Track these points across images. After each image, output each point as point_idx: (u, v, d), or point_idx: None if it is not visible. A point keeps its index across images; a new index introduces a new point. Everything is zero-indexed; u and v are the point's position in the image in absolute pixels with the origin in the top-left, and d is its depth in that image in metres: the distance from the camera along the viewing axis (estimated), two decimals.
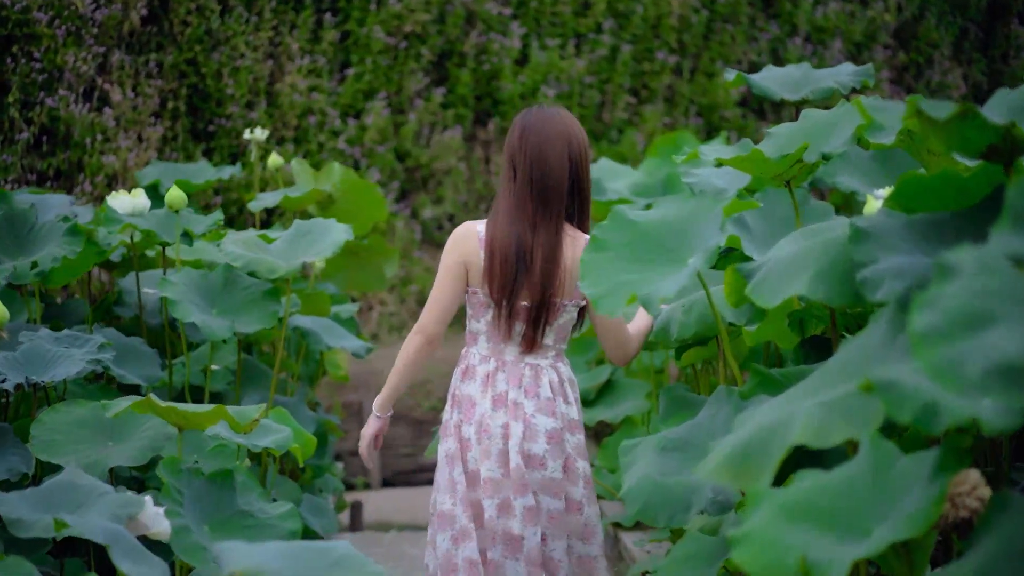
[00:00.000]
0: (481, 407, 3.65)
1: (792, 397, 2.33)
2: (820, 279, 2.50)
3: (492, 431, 3.61)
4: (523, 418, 3.62)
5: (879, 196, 2.69)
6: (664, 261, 2.96)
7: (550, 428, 3.63)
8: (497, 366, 3.68)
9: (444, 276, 3.67)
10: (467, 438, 3.66)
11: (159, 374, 4.70)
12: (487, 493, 3.59)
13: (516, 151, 3.66)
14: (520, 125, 3.69)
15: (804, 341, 3.25)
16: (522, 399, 3.64)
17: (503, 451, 3.61)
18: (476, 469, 3.63)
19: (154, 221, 4.86)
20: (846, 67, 4.38)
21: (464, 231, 3.68)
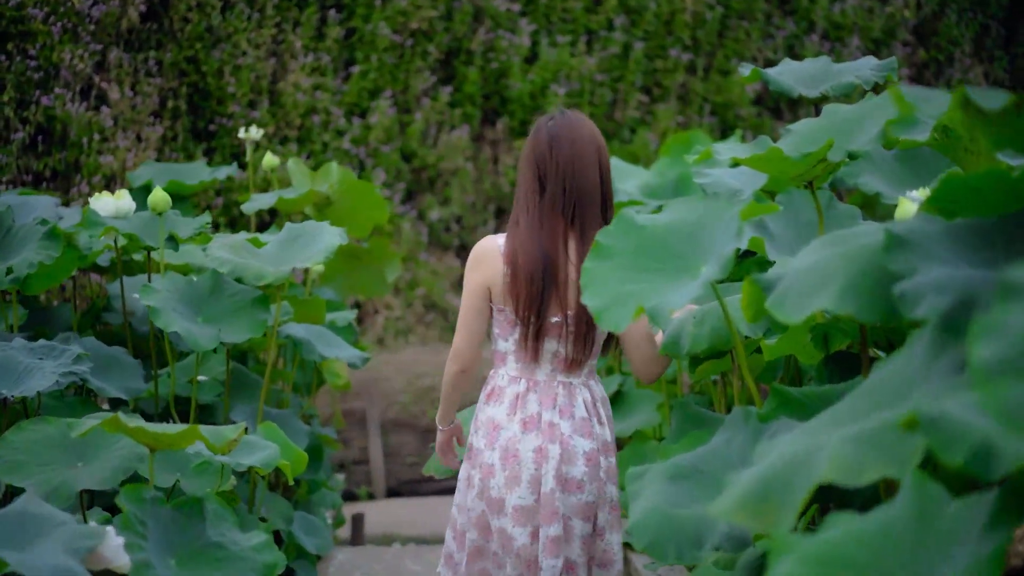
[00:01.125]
0: (507, 431, 3.49)
1: (818, 427, 2.07)
2: (849, 292, 2.23)
3: (522, 456, 3.45)
4: (560, 440, 3.45)
5: (915, 199, 2.42)
6: (674, 269, 2.70)
7: (588, 450, 3.48)
8: (528, 387, 3.52)
9: (469, 297, 3.51)
10: (489, 464, 3.50)
11: (142, 386, 4.45)
12: (518, 522, 3.43)
13: (546, 162, 3.48)
14: (548, 133, 3.51)
15: (828, 357, 2.98)
16: (558, 420, 3.48)
17: (536, 477, 3.44)
18: (500, 497, 3.46)
19: (139, 224, 4.61)
20: (868, 61, 4.16)
21: (484, 249, 3.51)
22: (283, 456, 4.13)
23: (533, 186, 3.49)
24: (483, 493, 3.49)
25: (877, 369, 2.10)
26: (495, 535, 3.47)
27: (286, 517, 4.59)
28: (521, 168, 3.54)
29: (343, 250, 6.56)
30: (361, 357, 4.97)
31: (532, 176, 3.49)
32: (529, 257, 3.42)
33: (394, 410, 8.89)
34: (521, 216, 3.49)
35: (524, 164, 3.53)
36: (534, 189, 3.49)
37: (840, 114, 3.01)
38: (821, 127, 2.98)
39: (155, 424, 3.12)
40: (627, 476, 2.75)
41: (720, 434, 2.74)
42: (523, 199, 3.50)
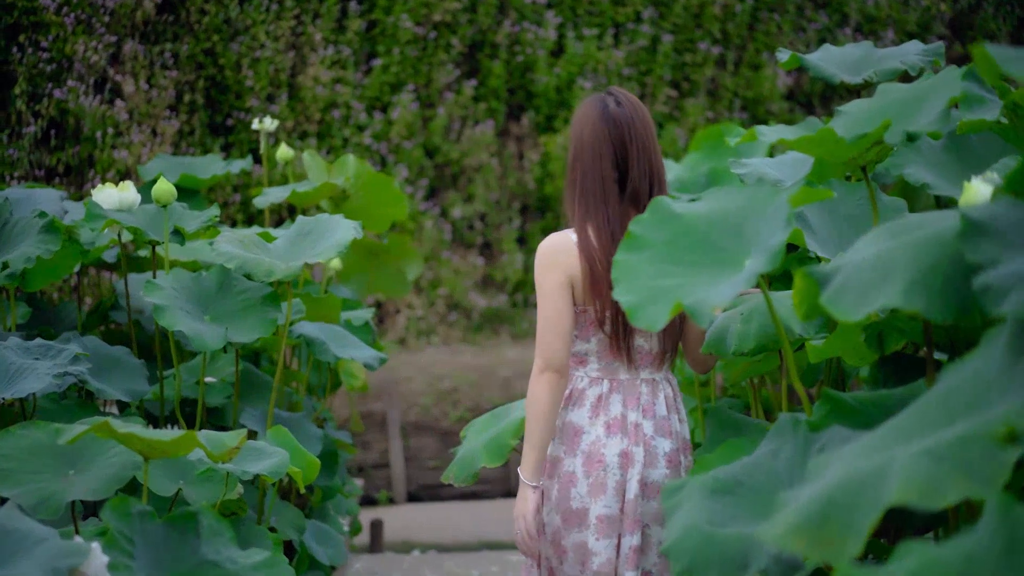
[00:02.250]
0: (590, 436, 3.24)
1: (882, 440, 1.83)
2: (917, 286, 1.97)
3: (607, 461, 3.21)
4: (644, 441, 3.23)
5: (991, 181, 2.16)
6: (715, 262, 2.44)
7: (668, 451, 3.26)
8: (611, 387, 3.28)
9: (554, 298, 3.20)
10: (569, 472, 3.24)
11: (145, 388, 4.21)
12: (602, 533, 3.19)
13: (626, 148, 3.25)
14: (621, 117, 3.27)
15: (884, 359, 2.72)
16: (641, 420, 3.25)
17: (621, 482, 3.21)
18: (583, 508, 3.22)
19: (143, 218, 4.37)
20: (913, 45, 3.95)
21: (559, 246, 3.24)
22: (294, 462, 3.90)
23: (611, 175, 3.25)
24: (560, 505, 3.25)
25: (947, 373, 1.85)
26: (570, 552, 3.23)
27: (298, 527, 4.34)
28: (588, 156, 3.27)
29: (361, 247, 6.32)
30: (378, 358, 4.72)
31: (610, 164, 3.25)
32: (613, 250, 3.12)
33: (415, 412, 8.65)
34: (596, 208, 3.24)
35: (593, 152, 3.27)
36: (612, 178, 3.25)
37: (896, 93, 2.75)
38: (876, 108, 2.72)
39: (150, 430, 2.87)
40: (663, 491, 2.49)
41: (765, 444, 2.48)
42: (596, 189, 3.25)
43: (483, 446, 4.02)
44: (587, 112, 3.29)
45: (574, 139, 3.29)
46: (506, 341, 9.65)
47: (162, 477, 3.66)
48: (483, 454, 4.00)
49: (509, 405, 4.23)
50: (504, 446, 3.96)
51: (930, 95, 2.64)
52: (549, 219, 10.09)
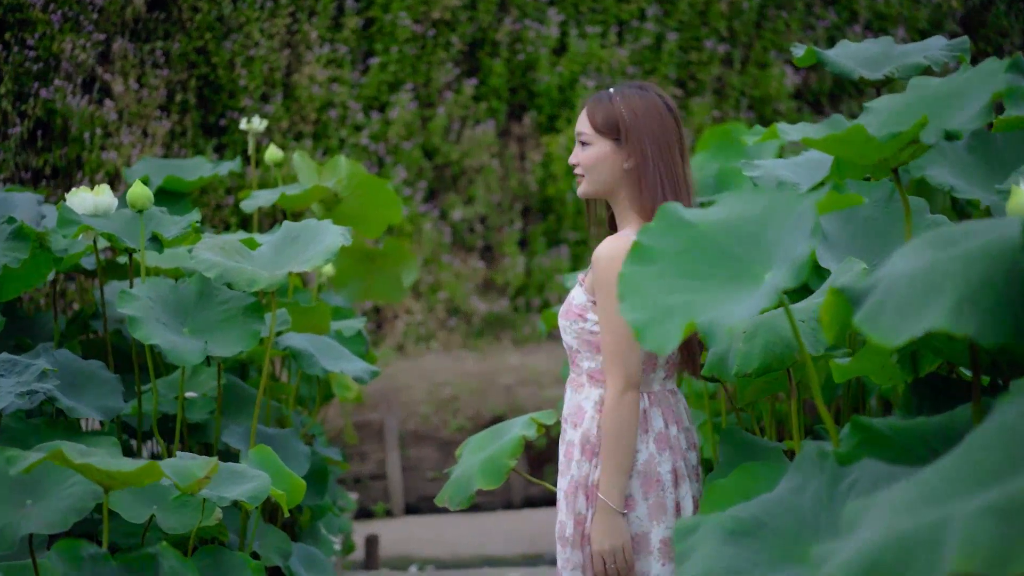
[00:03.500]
0: (643, 453, 3.05)
1: (932, 489, 1.58)
2: (966, 305, 1.72)
3: (664, 480, 3.05)
4: (683, 455, 3.11)
5: None
6: (731, 276, 2.18)
7: (695, 463, 3.16)
8: (650, 401, 3.10)
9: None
10: (628, 495, 3.04)
11: (121, 405, 3.95)
12: (667, 556, 3.01)
13: (684, 138, 3.13)
14: (672, 108, 3.11)
15: (918, 382, 2.46)
16: (676, 432, 3.11)
17: (675, 500, 3.06)
18: (644, 532, 3.03)
19: (120, 223, 4.12)
20: (937, 40, 3.75)
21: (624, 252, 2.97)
22: (278, 484, 3.65)
23: (683, 171, 3.10)
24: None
25: (1003, 407, 1.60)
26: None
27: (283, 551, 4.08)
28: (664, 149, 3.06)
29: (356, 252, 6.07)
30: (369, 371, 4.47)
31: (678, 159, 3.09)
32: None
33: (414, 421, 8.40)
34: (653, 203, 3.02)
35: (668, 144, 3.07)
36: (684, 175, 3.10)
37: (930, 88, 2.49)
38: (908, 104, 2.47)
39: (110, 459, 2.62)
40: (676, 531, 2.23)
41: (789, 478, 2.22)
42: (676, 184, 3.07)
43: (479, 467, 3.78)
44: (650, 102, 3.08)
45: (648, 130, 3.05)
46: (508, 347, 9.41)
47: (133, 502, 3.41)
48: (479, 475, 3.77)
49: (509, 422, 3.99)
50: (502, 467, 3.72)
51: (969, 89, 2.38)
52: (551, 221, 9.85)
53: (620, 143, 3.05)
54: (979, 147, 3.49)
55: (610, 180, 3.08)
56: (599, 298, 3.00)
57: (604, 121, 3.07)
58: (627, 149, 3.05)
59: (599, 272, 2.98)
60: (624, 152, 3.05)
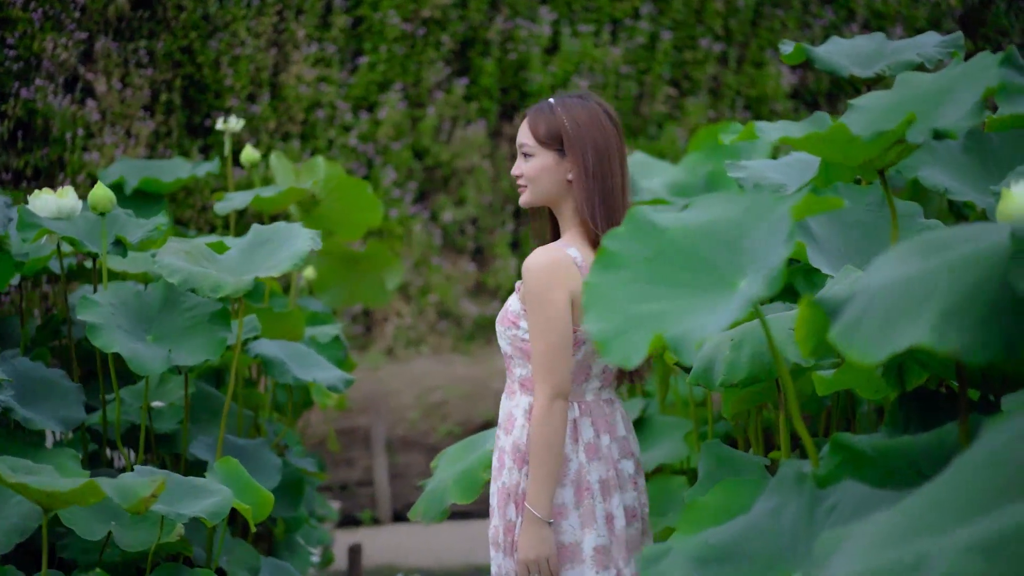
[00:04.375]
0: (574, 462, 3.08)
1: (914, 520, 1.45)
2: (953, 320, 1.57)
3: (593, 489, 3.06)
4: (614, 465, 3.12)
5: None
6: (705, 284, 2.03)
7: (631, 473, 3.17)
8: (580, 411, 3.12)
9: (561, 319, 3.00)
10: (559, 504, 3.06)
11: (81, 415, 3.81)
12: (600, 564, 3.02)
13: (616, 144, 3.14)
14: (613, 119, 3.16)
15: (905, 396, 2.31)
16: (608, 442, 3.12)
17: (604, 509, 3.07)
18: (575, 542, 3.04)
19: (84, 226, 3.99)
20: (930, 37, 3.64)
21: (560, 260, 3.04)
22: (245, 498, 3.52)
23: (621, 182, 3.13)
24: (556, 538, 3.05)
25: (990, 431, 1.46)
26: None
27: (251, 567, 3.94)
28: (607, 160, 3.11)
29: (338, 255, 5.94)
30: (344, 379, 4.32)
31: (619, 170, 3.13)
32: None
33: (402, 427, 8.25)
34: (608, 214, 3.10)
35: (611, 155, 3.11)
36: (621, 186, 3.13)
37: (919, 84, 2.34)
38: (895, 101, 2.32)
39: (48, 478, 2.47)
40: (643, 558, 2.09)
41: (765, 500, 2.08)
42: (618, 195, 3.12)
43: (453, 480, 3.66)
44: (592, 112, 3.12)
45: (588, 141, 3.08)
46: (499, 351, 9.25)
47: (89, 519, 3.28)
48: (453, 489, 3.66)
49: (483, 434, 3.87)
50: (476, 481, 3.61)
51: (960, 85, 2.23)
52: None
53: (563, 154, 3.08)
54: (974, 147, 3.37)
55: (553, 191, 3.11)
56: (528, 307, 3.02)
57: (547, 132, 3.08)
58: (569, 160, 3.07)
59: (527, 282, 3.02)
60: (567, 163, 3.08)
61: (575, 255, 3.03)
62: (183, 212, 8.53)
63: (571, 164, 3.07)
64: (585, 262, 3.03)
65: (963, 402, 1.89)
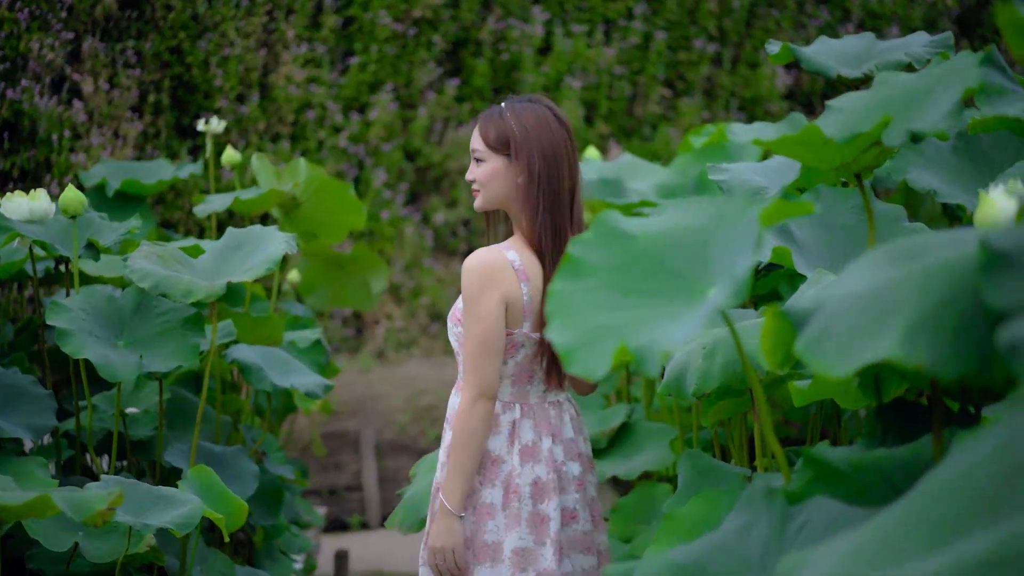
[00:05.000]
0: (508, 464, 3.11)
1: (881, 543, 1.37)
2: (921, 332, 1.50)
3: (521, 491, 3.08)
4: (556, 468, 3.12)
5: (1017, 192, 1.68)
6: (671, 293, 1.95)
7: (577, 474, 3.17)
8: (522, 412, 3.15)
9: (492, 320, 3.04)
10: (487, 504, 3.10)
11: (52, 423, 3.72)
12: (517, 567, 3.03)
13: (573, 156, 3.16)
14: (564, 123, 3.17)
15: (882, 408, 2.23)
16: (551, 445, 3.13)
17: (534, 512, 3.07)
18: (497, 541, 3.07)
19: (56, 230, 3.92)
20: (919, 36, 3.57)
21: (495, 261, 3.07)
22: (218, 507, 3.45)
23: (568, 185, 3.13)
24: (475, 539, 3.08)
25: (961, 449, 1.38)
26: None
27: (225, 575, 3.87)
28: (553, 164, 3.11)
29: (322, 258, 5.86)
30: (322, 385, 4.24)
31: (566, 174, 3.13)
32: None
33: (392, 431, 8.17)
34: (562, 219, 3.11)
35: (557, 159, 3.12)
36: (567, 188, 3.12)
37: (898, 84, 2.26)
38: (874, 102, 2.24)
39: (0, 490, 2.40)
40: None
41: (734, 517, 2.00)
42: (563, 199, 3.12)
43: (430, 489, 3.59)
44: (540, 117, 3.13)
45: (534, 146, 3.09)
46: None
47: (56, 529, 3.21)
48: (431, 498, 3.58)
49: None
50: None
51: (940, 86, 2.15)
52: None
53: (511, 159, 3.10)
54: (964, 148, 3.31)
55: (503, 195, 3.14)
56: (463, 307, 3.08)
57: (496, 137, 3.11)
58: (518, 164, 3.09)
59: (463, 282, 3.07)
60: (516, 167, 3.09)
61: (513, 258, 3.05)
62: (172, 214, 8.45)
63: (519, 168, 3.08)
64: (523, 265, 3.06)
65: (937, 417, 1.81)
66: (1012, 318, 1.29)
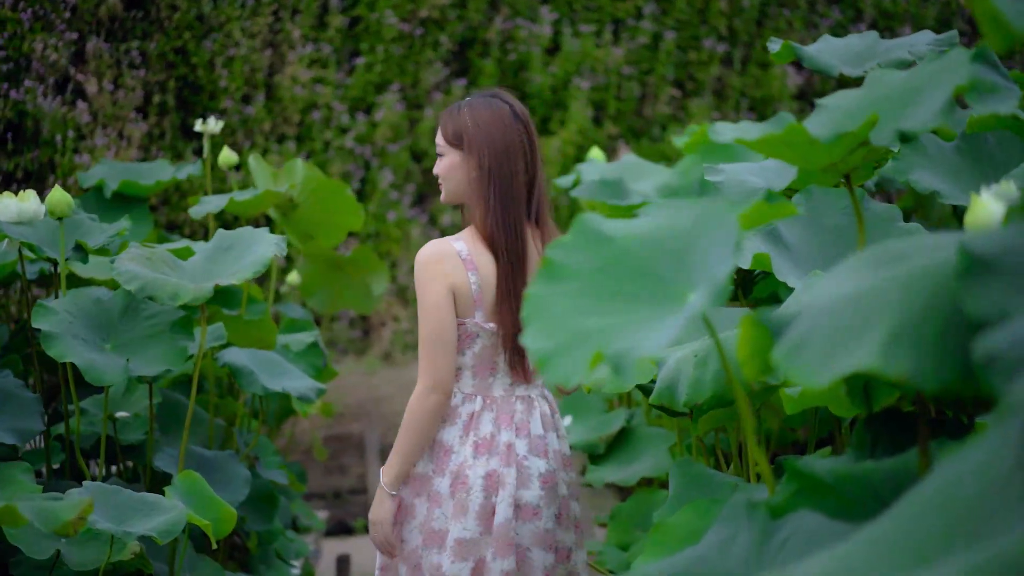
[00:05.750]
0: (459, 455, 3.15)
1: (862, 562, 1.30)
2: (902, 341, 1.43)
3: (471, 483, 3.11)
4: (516, 462, 3.14)
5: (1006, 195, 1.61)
6: (653, 298, 1.88)
7: (544, 471, 3.17)
8: (483, 404, 3.19)
9: (439, 311, 3.12)
10: (437, 492, 3.16)
11: (39, 427, 3.66)
12: (458, 556, 3.09)
13: (534, 145, 3.23)
14: (522, 117, 3.23)
15: (872, 417, 2.16)
16: (514, 439, 3.16)
17: (485, 504, 3.11)
18: (443, 529, 3.14)
19: (46, 231, 3.87)
20: (924, 35, 3.49)
21: (442, 252, 3.14)
22: (206, 513, 3.40)
23: (523, 178, 3.18)
24: (424, 525, 3.17)
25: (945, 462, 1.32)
26: (426, 573, 3.14)
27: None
28: (504, 157, 3.16)
29: (322, 260, 5.79)
30: (315, 389, 4.18)
31: (523, 167, 3.18)
32: (518, 258, 3.15)
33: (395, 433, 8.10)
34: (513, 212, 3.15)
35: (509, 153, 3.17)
36: (523, 182, 3.18)
37: (889, 82, 2.18)
38: (864, 100, 2.16)
39: None
40: None
41: (716, 531, 1.93)
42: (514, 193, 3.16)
43: None
44: (494, 111, 3.19)
45: (484, 140, 3.16)
46: None
47: (37, 536, 3.14)
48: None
49: None
50: None
51: (931, 83, 2.07)
52: None
53: (465, 153, 3.18)
54: (968, 149, 3.22)
55: (461, 189, 3.21)
56: (418, 299, 3.13)
57: (453, 132, 3.19)
58: (471, 159, 3.16)
59: (415, 274, 3.15)
60: (470, 162, 3.16)
61: (460, 247, 3.12)
62: (177, 216, 8.40)
63: (472, 162, 3.15)
64: (471, 255, 3.11)
65: (922, 428, 1.74)
66: (989, 327, 1.22)
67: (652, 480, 4.47)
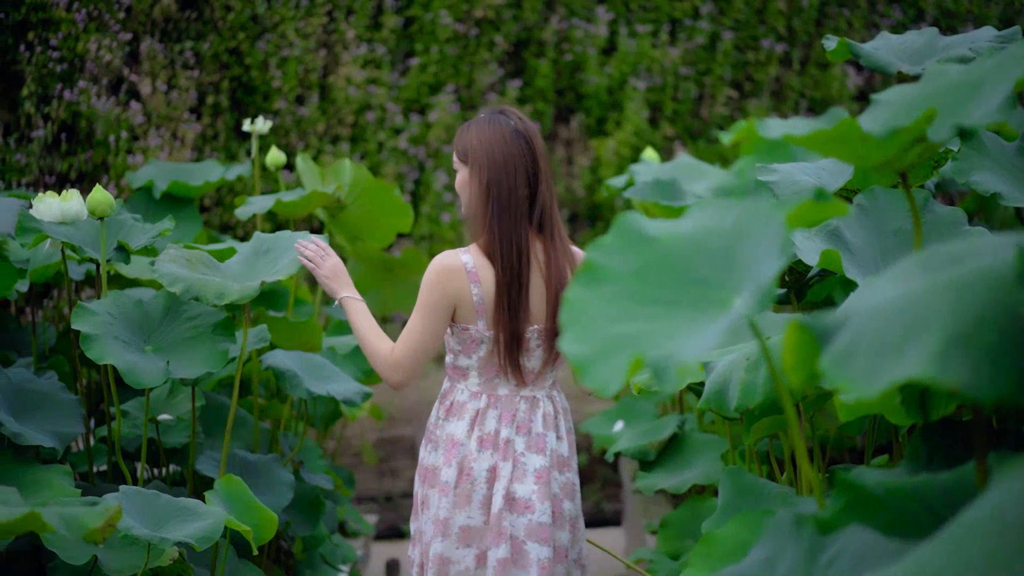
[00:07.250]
0: (465, 448, 3.35)
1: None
2: (956, 348, 1.33)
3: (475, 475, 3.32)
4: (513, 457, 3.35)
5: None
6: (696, 301, 1.80)
7: (539, 467, 3.34)
8: (488, 402, 3.38)
9: (430, 315, 3.31)
10: (444, 482, 3.34)
11: (79, 430, 3.63)
12: (462, 542, 3.31)
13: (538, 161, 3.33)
14: (526, 134, 3.34)
15: (928, 427, 2.05)
16: (514, 436, 3.36)
17: (487, 496, 3.33)
18: (447, 517, 3.32)
19: (89, 231, 3.83)
20: (986, 31, 3.39)
21: (450, 266, 3.31)
22: (246, 518, 3.34)
23: (524, 193, 3.29)
24: (435, 514, 3.35)
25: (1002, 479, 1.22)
26: (432, 562, 3.32)
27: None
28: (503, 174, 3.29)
29: (372, 261, 5.73)
30: (361, 392, 4.12)
31: (524, 182, 3.29)
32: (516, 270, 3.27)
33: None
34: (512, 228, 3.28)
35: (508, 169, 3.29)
36: (524, 196, 3.29)
37: (947, 76, 2.08)
38: (920, 94, 2.06)
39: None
40: None
41: (762, 546, 1.83)
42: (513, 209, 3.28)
43: None
44: (495, 128, 3.32)
45: (484, 157, 3.29)
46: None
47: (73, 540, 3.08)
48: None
49: None
50: None
51: (991, 77, 1.97)
52: (599, 228, 9.43)
53: (470, 169, 3.36)
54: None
55: (473, 202, 3.36)
56: (417, 299, 3.34)
57: (461, 149, 3.38)
58: (473, 174, 3.33)
59: (423, 278, 3.34)
60: (473, 178, 3.33)
61: (467, 260, 3.28)
62: (230, 216, 8.38)
63: (474, 178, 3.31)
64: (475, 268, 3.27)
65: (979, 440, 1.64)
66: None
67: (704, 488, 4.37)
